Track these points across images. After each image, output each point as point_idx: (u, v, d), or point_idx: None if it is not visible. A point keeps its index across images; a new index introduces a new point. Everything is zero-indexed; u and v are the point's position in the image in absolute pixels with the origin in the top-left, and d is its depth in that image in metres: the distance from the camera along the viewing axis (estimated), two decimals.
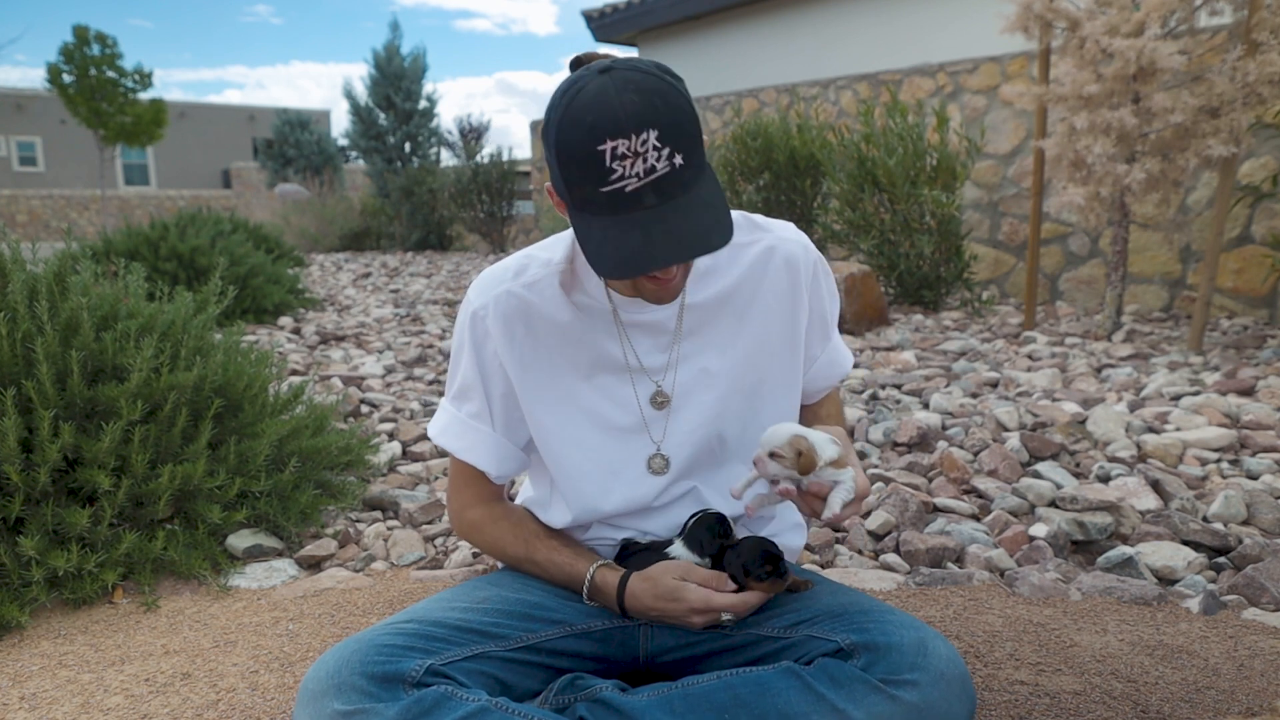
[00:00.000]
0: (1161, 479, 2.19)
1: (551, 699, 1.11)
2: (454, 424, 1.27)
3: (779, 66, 8.84)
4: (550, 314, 1.20)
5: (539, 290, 1.20)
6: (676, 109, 0.98)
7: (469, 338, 1.23)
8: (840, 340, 1.39)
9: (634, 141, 0.95)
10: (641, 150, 0.95)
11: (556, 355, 1.21)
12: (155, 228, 5.65)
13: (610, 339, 1.20)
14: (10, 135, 26.59)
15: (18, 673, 1.47)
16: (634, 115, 0.95)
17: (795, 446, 1.06)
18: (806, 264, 1.26)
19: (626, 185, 0.96)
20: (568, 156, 0.98)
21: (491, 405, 1.25)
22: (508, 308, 1.20)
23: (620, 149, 0.95)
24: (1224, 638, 1.52)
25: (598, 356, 1.21)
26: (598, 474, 1.22)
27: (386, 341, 4.73)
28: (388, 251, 11.70)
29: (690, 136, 0.99)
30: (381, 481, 2.46)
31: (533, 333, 1.20)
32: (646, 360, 1.22)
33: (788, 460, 1.06)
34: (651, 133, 0.95)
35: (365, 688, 0.97)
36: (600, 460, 1.22)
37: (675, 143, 0.97)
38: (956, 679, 0.99)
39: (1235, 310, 4.84)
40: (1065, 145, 4.04)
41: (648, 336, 1.21)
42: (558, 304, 1.19)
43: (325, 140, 21.87)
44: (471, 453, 1.26)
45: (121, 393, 1.87)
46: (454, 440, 1.26)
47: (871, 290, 4.78)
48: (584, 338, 1.20)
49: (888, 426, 2.70)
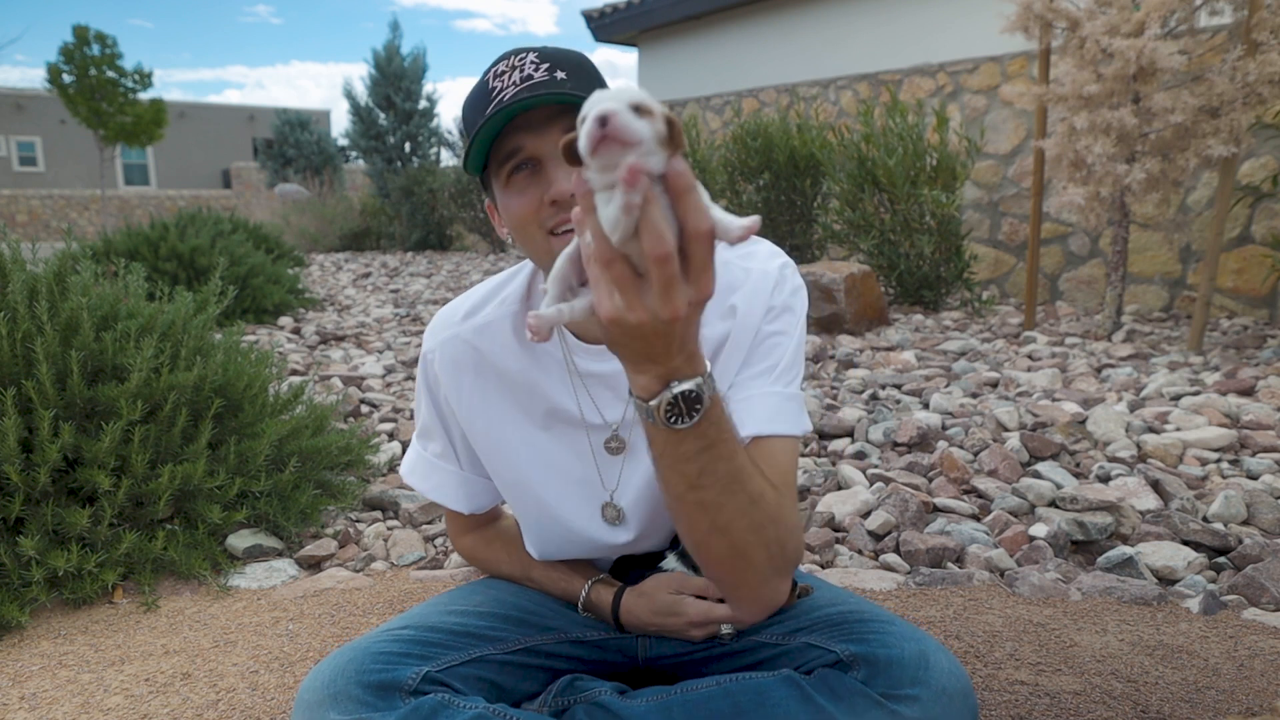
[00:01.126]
0: (1161, 479, 2.19)
1: (550, 701, 1.11)
2: (421, 463, 1.24)
3: (779, 66, 8.84)
4: (499, 361, 1.12)
5: (489, 334, 1.12)
6: (566, 51, 0.99)
7: (422, 381, 1.19)
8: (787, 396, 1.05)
9: (511, 59, 0.97)
10: (519, 64, 0.96)
11: (507, 404, 1.13)
12: (155, 228, 5.65)
13: (564, 391, 1.11)
14: (10, 135, 26.59)
15: (18, 672, 1.47)
16: (516, 49, 0.98)
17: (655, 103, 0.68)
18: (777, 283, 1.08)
19: (504, 95, 0.94)
20: (466, 116, 1.00)
21: (454, 445, 1.21)
22: (455, 354, 1.14)
23: (500, 68, 0.97)
24: (1224, 638, 1.52)
25: (550, 408, 1.12)
26: (553, 525, 1.18)
27: (386, 341, 4.73)
28: (388, 251, 11.70)
29: (577, 66, 0.97)
30: (381, 481, 2.45)
31: (481, 381, 1.13)
32: (608, 414, 1.11)
33: (656, 122, 0.67)
34: (530, 54, 0.96)
35: (362, 697, 0.95)
36: (555, 512, 1.16)
37: (557, 64, 0.96)
38: (959, 693, 0.96)
39: (1235, 310, 4.84)
40: (1065, 145, 4.04)
41: (607, 389, 1.10)
42: (508, 350, 1.11)
43: (325, 140, 21.87)
44: (439, 492, 1.23)
45: (121, 393, 1.87)
46: (421, 480, 1.23)
47: (871, 290, 4.78)
48: (536, 388, 1.11)
49: (888, 426, 2.70)
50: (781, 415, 1.04)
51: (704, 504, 0.83)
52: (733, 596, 0.94)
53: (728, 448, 0.82)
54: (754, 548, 0.88)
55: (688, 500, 0.83)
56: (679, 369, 0.76)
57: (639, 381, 0.77)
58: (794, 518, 0.94)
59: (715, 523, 0.85)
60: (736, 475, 0.83)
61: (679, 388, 0.76)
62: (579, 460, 1.13)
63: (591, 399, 1.11)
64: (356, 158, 16.99)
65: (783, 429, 1.03)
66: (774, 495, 0.89)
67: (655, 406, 0.77)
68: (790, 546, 0.92)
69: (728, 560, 0.89)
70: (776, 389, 1.05)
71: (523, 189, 0.97)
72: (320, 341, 4.76)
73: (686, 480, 0.82)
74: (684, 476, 0.82)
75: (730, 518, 0.85)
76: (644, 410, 0.78)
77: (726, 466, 0.82)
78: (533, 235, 0.98)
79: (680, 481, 0.82)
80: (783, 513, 0.90)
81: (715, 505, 0.83)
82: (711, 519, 0.84)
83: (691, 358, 0.76)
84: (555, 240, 0.96)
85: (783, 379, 1.06)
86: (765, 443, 1.01)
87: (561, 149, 0.72)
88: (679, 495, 0.84)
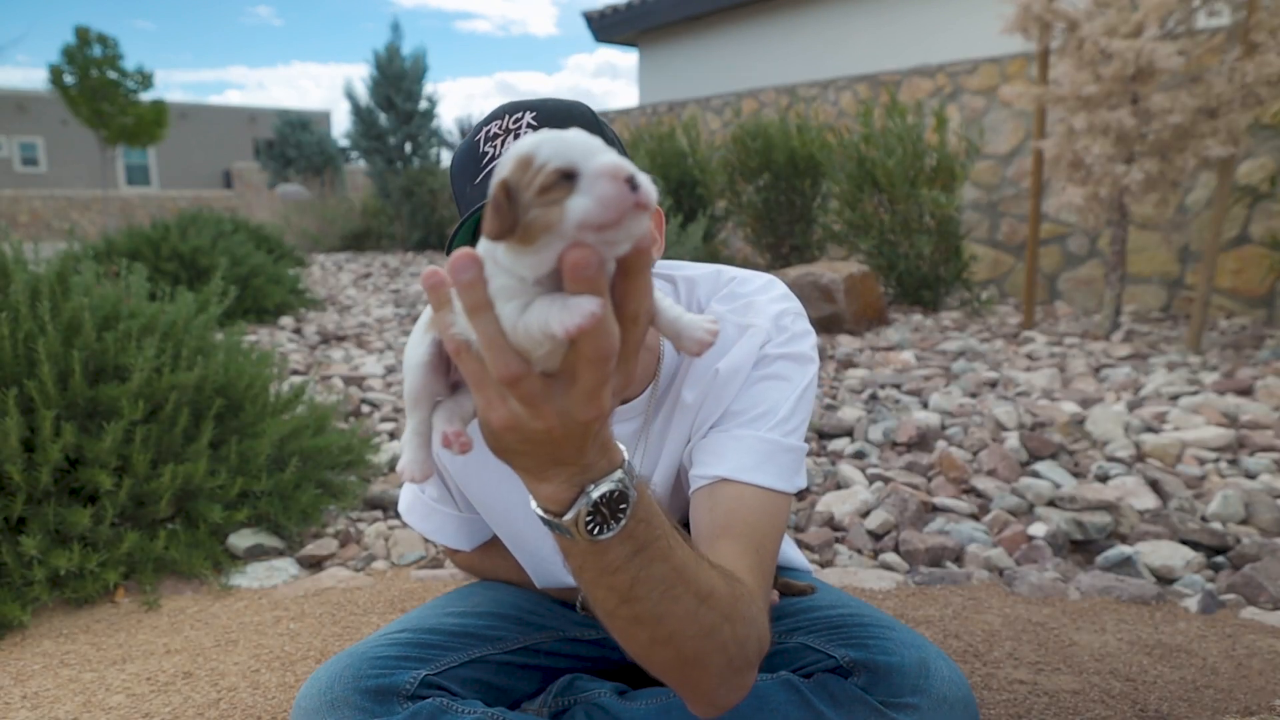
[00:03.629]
0: (1160, 478, 2.20)
1: (550, 701, 1.10)
2: (419, 506, 1.22)
3: (779, 67, 8.84)
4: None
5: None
6: (569, 106, 0.90)
7: None
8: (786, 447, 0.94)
9: (506, 120, 0.88)
10: (514, 127, 0.87)
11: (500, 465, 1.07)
12: (157, 228, 5.66)
13: None
14: (12, 136, 26.60)
15: (20, 671, 1.48)
16: (510, 105, 0.89)
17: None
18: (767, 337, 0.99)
19: (497, 164, 0.77)
20: (455, 179, 0.91)
21: (450, 490, 1.19)
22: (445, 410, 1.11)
23: (492, 129, 0.88)
24: (1222, 637, 1.52)
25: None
26: (550, 578, 1.17)
27: (387, 341, 4.73)
28: (388, 252, 11.70)
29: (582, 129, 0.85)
30: (382, 481, 2.46)
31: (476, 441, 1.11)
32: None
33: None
34: (527, 114, 0.88)
35: (359, 703, 0.94)
36: (552, 569, 1.15)
37: (558, 126, 0.81)
38: (959, 702, 0.94)
39: (1234, 310, 4.84)
40: (1064, 146, 4.05)
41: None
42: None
43: (326, 141, 21.88)
44: (440, 534, 1.23)
45: (123, 392, 1.88)
46: (421, 522, 1.22)
47: (871, 290, 4.78)
48: None
49: (887, 426, 2.70)
50: (768, 465, 0.91)
51: (640, 618, 0.69)
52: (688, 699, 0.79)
53: (662, 545, 0.68)
54: (708, 654, 0.73)
55: (620, 616, 0.69)
56: (592, 465, 0.63)
57: (543, 491, 0.64)
58: (757, 605, 0.79)
59: (656, 636, 0.70)
60: (678, 575, 0.69)
61: (597, 491, 0.63)
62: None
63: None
64: (357, 158, 16.99)
65: (763, 480, 0.89)
66: (726, 587, 0.74)
67: (571, 521, 0.64)
68: (753, 641, 0.77)
69: (677, 670, 0.74)
70: (770, 435, 0.93)
71: None
72: (321, 341, 4.77)
73: (617, 595, 0.68)
74: (613, 591, 0.68)
75: (675, 627, 0.70)
76: (555, 526, 0.65)
77: (663, 569, 0.68)
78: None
79: (610, 597, 0.68)
80: (739, 606, 0.75)
81: (654, 617, 0.69)
82: (651, 633, 0.70)
83: (605, 447, 0.63)
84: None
85: (780, 428, 0.94)
86: (735, 491, 0.89)
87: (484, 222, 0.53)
88: (610, 612, 0.69)
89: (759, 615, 0.79)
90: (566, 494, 0.64)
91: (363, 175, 17.15)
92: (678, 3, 9.74)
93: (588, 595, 0.70)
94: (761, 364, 0.97)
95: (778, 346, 0.98)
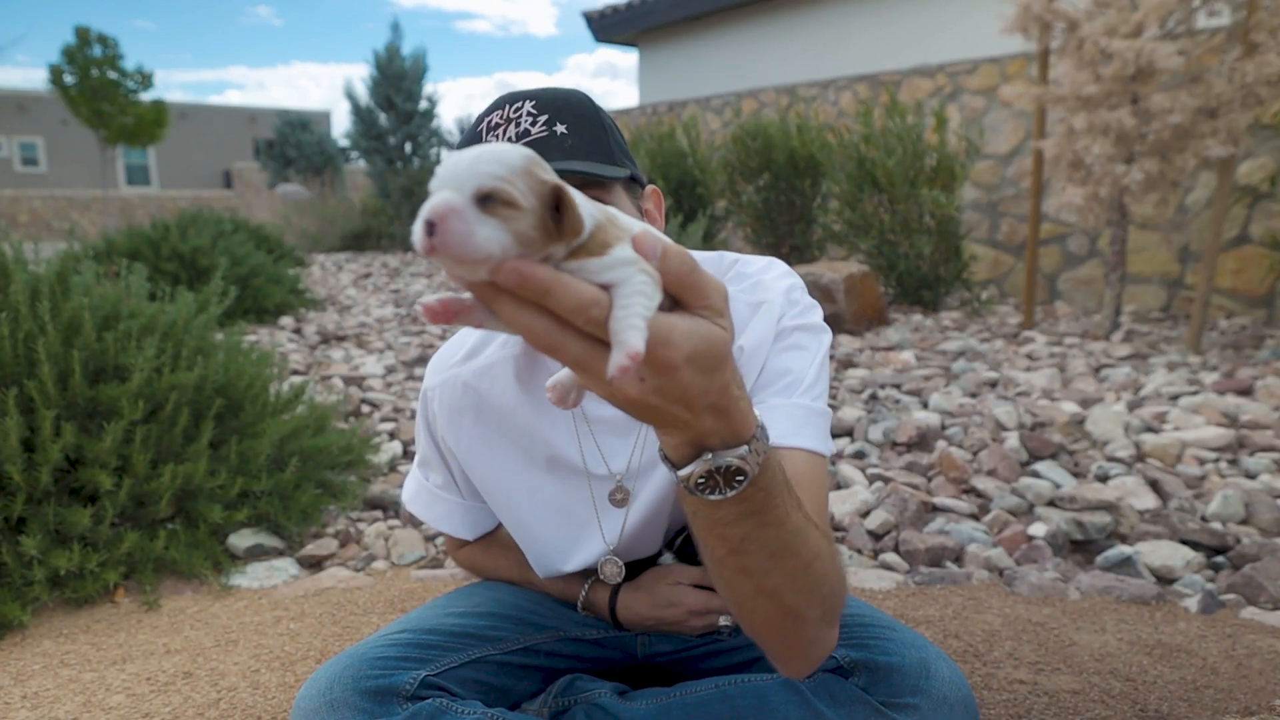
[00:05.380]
0: (1160, 478, 2.20)
1: (550, 701, 1.11)
2: (423, 493, 1.23)
3: (779, 67, 8.84)
4: (501, 404, 1.08)
5: (490, 377, 1.09)
6: (567, 94, 0.92)
7: (422, 416, 1.18)
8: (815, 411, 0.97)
9: (507, 110, 0.91)
10: (515, 116, 0.90)
11: (507, 447, 1.10)
12: (157, 228, 5.66)
13: (567, 438, 1.07)
14: (12, 136, 26.60)
15: (20, 672, 1.48)
16: (510, 95, 0.91)
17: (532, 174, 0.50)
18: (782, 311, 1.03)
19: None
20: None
21: (455, 477, 1.20)
22: (454, 398, 1.11)
23: (494, 120, 0.91)
24: (1222, 637, 1.52)
25: (552, 455, 1.08)
26: (552, 568, 1.17)
27: (387, 341, 4.73)
28: (388, 252, 11.70)
29: (579, 116, 0.90)
30: (382, 481, 2.46)
31: (482, 424, 1.10)
32: (613, 463, 1.06)
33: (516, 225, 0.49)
34: (528, 103, 0.90)
35: (359, 704, 0.94)
36: (553, 557, 1.15)
37: (557, 114, 0.89)
38: (959, 702, 0.95)
39: (1234, 310, 4.84)
40: (1064, 146, 4.05)
41: (614, 435, 1.06)
42: (510, 393, 1.08)
43: (326, 141, 21.89)
44: (444, 522, 1.23)
45: (123, 392, 1.88)
46: (424, 510, 1.23)
47: (871, 290, 4.79)
48: (537, 433, 1.07)
49: (887, 426, 2.70)
50: (806, 429, 0.93)
51: (747, 570, 0.71)
52: (780, 656, 0.80)
53: (779, 512, 0.68)
54: (807, 607, 0.75)
55: (727, 565, 0.71)
56: (711, 433, 0.61)
57: (667, 442, 0.64)
58: (839, 561, 0.81)
59: (761, 588, 0.72)
60: (791, 538, 0.70)
61: (716, 461, 0.62)
62: (580, 508, 1.10)
63: (596, 446, 1.07)
64: (357, 158, 16.99)
65: (807, 443, 0.92)
66: (828, 549, 0.76)
67: (685, 477, 0.64)
68: (840, 592, 0.80)
69: (776, 622, 0.76)
70: (801, 401, 0.96)
71: None
72: (321, 341, 4.77)
73: (727, 545, 0.69)
74: (724, 541, 0.69)
75: (780, 582, 0.72)
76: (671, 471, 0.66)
77: (776, 532, 0.69)
78: None
79: (720, 546, 0.70)
80: (834, 563, 0.77)
81: (762, 571, 0.71)
82: (757, 584, 0.72)
83: (724, 414, 0.61)
84: None
85: (809, 393, 0.96)
86: (790, 458, 0.91)
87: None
88: (718, 559, 0.71)
89: (843, 569, 0.81)
90: (685, 452, 0.63)
91: (363, 175, 17.15)
92: (678, 3, 9.74)
93: (699, 540, 0.71)
94: (781, 337, 1.00)
95: (793, 319, 1.01)
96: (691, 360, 0.54)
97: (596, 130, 0.92)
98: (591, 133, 0.91)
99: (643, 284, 0.51)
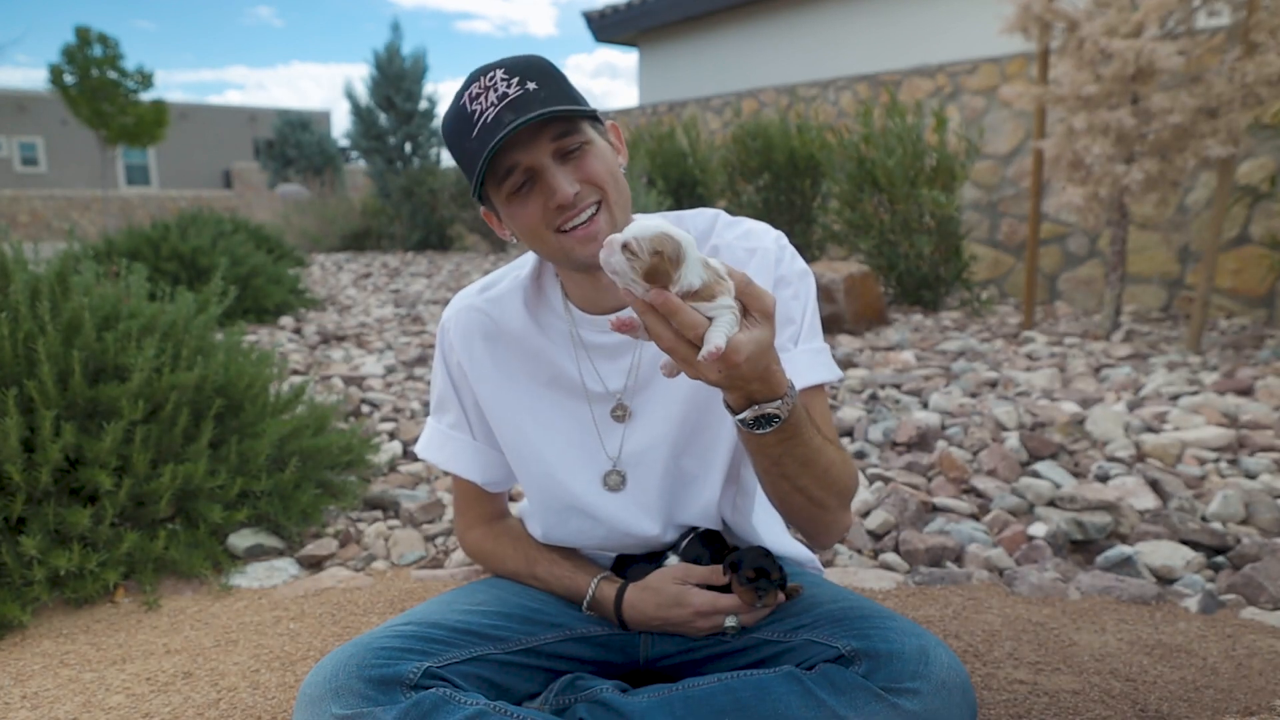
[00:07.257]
0: (1160, 478, 2.20)
1: (551, 700, 1.11)
2: (436, 436, 1.29)
3: (779, 67, 8.85)
4: (511, 328, 1.20)
5: (502, 305, 1.21)
6: (529, 58, 1.04)
7: (439, 351, 1.27)
8: (816, 350, 1.18)
9: (483, 80, 1.02)
10: (491, 84, 1.01)
11: (515, 366, 1.21)
12: (157, 228, 5.66)
13: (568, 360, 1.18)
14: (12, 136, 26.61)
15: (19, 671, 1.48)
16: (483, 67, 1.03)
17: (657, 246, 0.83)
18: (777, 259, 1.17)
19: (486, 116, 1.00)
20: (451, 142, 1.06)
21: (468, 414, 1.26)
22: (468, 322, 1.22)
23: (473, 90, 1.02)
24: (1222, 637, 1.52)
25: (555, 374, 1.19)
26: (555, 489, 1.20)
27: (387, 341, 4.73)
28: (388, 252, 11.70)
29: (543, 73, 1.02)
30: (382, 481, 2.46)
31: (491, 345, 1.21)
32: (610, 383, 1.18)
33: (639, 261, 0.83)
34: (499, 70, 1.02)
35: (363, 691, 0.97)
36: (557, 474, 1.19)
37: (526, 74, 1.01)
38: (958, 687, 0.98)
39: (1234, 310, 4.84)
40: (1064, 146, 4.05)
41: (608, 360, 1.17)
42: (519, 319, 1.19)
43: (326, 141, 21.90)
44: (454, 462, 1.27)
45: (123, 392, 1.88)
46: (436, 452, 1.28)
47: (871, 290, 4.79)
48: (542, 354, 1.19)
49: (887, 426, 2.70)
50: (815, 368, 1.16)
51: (785, 475, 1.01)
52: (812, 534, 1.13)
53: (804, 436, 0.97)
54: (828, 497, 1.05)
55: (771, 473, 1.01)
56: (758, 393, 0.91)
57: (730, 397, 0.93)
58: (849, 460, 1.10)
59: (796, 485, 1.02)
60: (813, 454, 1.00)
61: (761, 410, 0.92)
62: (580, 427, 1.19)
63: (594, 368, 1.18)
64: (357, 158, 16.99)
65: (816, 379, 1.16)
66: (839, 456, 1.06)
67: (739, 420, 0.93)
68: (851, 486, 1.10)
69: (807, 509, 1.06)
70: (805, 346, 1.17)
71: (526, 200, 1.04)
72: (321, 341, 4.77)
73: (769, 459, 0.99)
74: (767, 457, 0.99)
75: (807, 482, 1.02)
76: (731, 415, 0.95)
77: (803, 451, 0.98)
78: (543, 237, 1.05)
79: (763, 459, 1.00)
80: (846, 466, 1.07)
81: (794, 475, 1.01)
82: (792, 483, 1.02)
83: (767, 382, 0.90)
84: (563, 237, 1.04)
85: (807, 337, 1.17)
86: (806, 395, 1.12)
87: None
88: (764, 469, 1.02)
89: (852, 465, 1.11)
90: (742, 403, 0.92)
91: (363, 175, 17.17)
92: (678, 3, 9.75)
93: (752, 458, 1.01)
94: (780, 285, 1.15)
95: (787, 267, 1.17)
96: (748, 360, 0.85)
97: (561, 82, 1.05)
98: (557, 84, 1.04)
99: (730, 320, 0.85)
